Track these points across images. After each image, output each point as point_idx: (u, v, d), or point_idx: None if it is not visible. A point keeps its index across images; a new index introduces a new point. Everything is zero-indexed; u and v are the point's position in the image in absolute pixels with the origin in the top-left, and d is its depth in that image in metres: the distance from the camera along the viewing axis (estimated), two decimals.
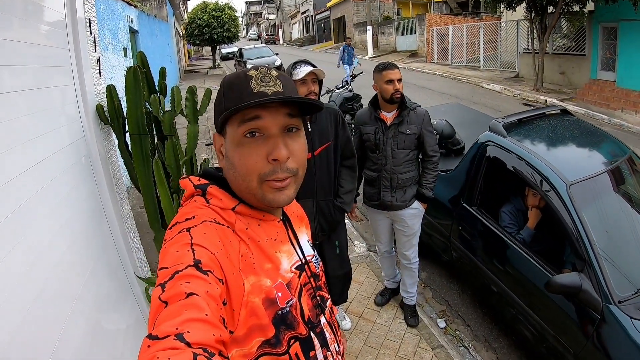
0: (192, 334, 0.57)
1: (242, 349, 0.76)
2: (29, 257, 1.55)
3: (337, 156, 2.50)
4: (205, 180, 0.89)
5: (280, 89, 0.83)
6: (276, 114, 0.81)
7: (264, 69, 0.85)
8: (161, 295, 0.65)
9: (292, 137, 0.84)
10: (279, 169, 0.81)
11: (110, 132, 2.64)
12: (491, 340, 3.08)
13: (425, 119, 2.73)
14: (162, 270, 0.70)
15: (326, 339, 0.93)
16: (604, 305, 2.15)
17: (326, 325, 0.95)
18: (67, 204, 2.05)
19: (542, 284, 2.33)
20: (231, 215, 0.85)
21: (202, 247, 0.73)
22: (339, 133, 2.47)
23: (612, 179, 2.67)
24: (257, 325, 0.77)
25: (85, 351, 1.85)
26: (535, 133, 3.04)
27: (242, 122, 0.81)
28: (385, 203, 2.83)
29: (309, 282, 0.95)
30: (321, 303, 0.97)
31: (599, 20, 10.55)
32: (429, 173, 2.79)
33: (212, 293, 0.66)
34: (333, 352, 0.95)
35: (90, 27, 2.47)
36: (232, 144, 0.83)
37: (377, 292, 3.46)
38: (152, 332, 0.59)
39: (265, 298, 0.80)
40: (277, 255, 0.89)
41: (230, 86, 0.84)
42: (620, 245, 2.53)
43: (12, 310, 1.35)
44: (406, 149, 2.72)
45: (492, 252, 2.96)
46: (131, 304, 2.70)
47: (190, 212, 0.82)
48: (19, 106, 1.70)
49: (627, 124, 8.67)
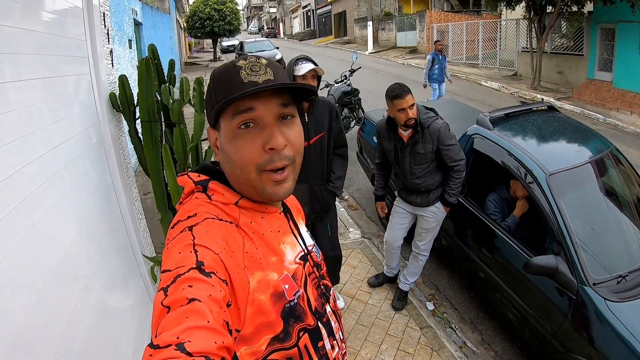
0: (193, 343, 0.57)
1: (251, 347, 0.75)
2: (43, 240, 1.59)
3: (330, 145, 2.70)
4: (204, 175, 0.87)
5: (271, 77, 0.81)
6: (269, 103, 0.80)
7: (253, 58, 0.84)
8: (164, 300, 0.64)
9: (287, 124, 0.83)
10: (277, 157, 0.80)
11: (121, 119, 2.79)
12: (477, 322, 3.27)
13: (441, 134, 2.72)
14: (164, 273, 0.69)
15: (332, 328, 0.93)
16: (579, 287, 2.33)
17: (331, 314, 0.95)
18: (80, 188, 2.14)
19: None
20: (234, 209, 0.84)
21: (205, 247, 0.72)
22: (332, 124, 2.65)
23: (592, 171, 2.84)
24: (265, 323, 0.77)
25: (96, 328, 1.92)
26: (521, 127, 3.21)
27: (236, 113, 0.79)
28: (411, 201, 3.03)
29: (313, 272, 0.94)
30: (325, 292, 0.97)
31: (597, 21, 10.65)
32: (453, 181, 2.85)
33: (215, 296, 0.65)
34: (338, 340, 0.95)
35: (105, 20, 2.63)
36: (227, 137, 0.82)
37: (369, 275, 3.65)
38: (154, 340, 0.59)
39: (274, 292, 0.80)
40: (282, 247, 0.88)
41: (220, 78, 0.83)
42: (598, 233, 2.71)
43: (27, 290, 1.40)
44: (423, 164, 2.82)
45: (478, 238, 3.14)
46: (137, 282, 2.82)
47: (192, 210, 0.80)
48: (37, 93, 1.76)
49: (621, 124, 8.82)
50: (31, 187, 1.55)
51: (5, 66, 1.51)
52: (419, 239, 3.17)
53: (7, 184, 1.37)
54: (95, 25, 2.44)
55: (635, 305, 2.26)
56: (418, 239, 3.17)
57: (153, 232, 3.42)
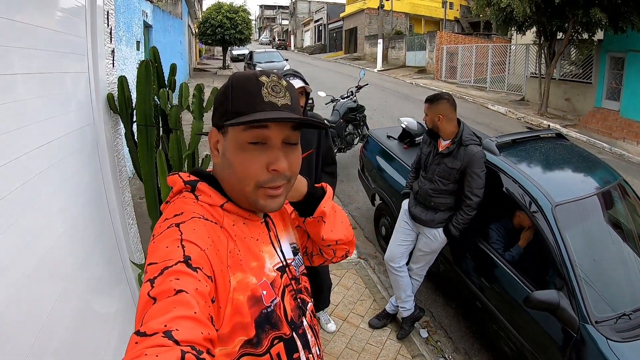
0: (180, 332, 0.57)
1: (226, 348, 0.76)
2: (26, 236, 1.57)
3: (319, 162, 2.65)
4: (194, 177, 0.89)
5: (289, 102, 0.85)
6: (283, 127, 0.83)
7: (275, 78, 0.86)
8: (150, 291, 0.64)
9: (291, 148, 0.87)
10: (278, 178, 0.84)
11: (118, 121, 2.73)
12: (471, 353, 3.14)
13: (473, 158, 2.66)
14: (151, 266, 0.69)
15: (308, 341, 0.94)
16: (581, 324, 2.22)
17: (308, 327, 0.96)
18: (70, 187, 2.10)
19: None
20: (219, 211, 0.86)
21: (192, 243, 0.73)
22: (321, 142, 2.60)
23: (600, 203, 2.76)
24: (240, 324, 0.78)
25: (75, 330, 1.88)
26: (528, 154, 3.13)
27: (249, 128, 0.81)
28: (414, 215, 2.98)
29: (290, 284, 0.95)
30: (302, 305, 0.98)
31: (607, 49, 10.70)
32: (461, 214, 2.77)
33: (201, 290, 0.66)
34: (315, 354, 0.96)
35: (108, 19, 2.58)
36: (234, 147, 0.84)
37: (362, 297, 3.52)
38: (140, 328, 0.58)
39: (251, 296, 0.81)
40: (262, 254, 0.90)
41: (241, 88, 0.84)
42: (602, 269, 2.61)
43: (3, 285, 1.37)
44: (445, 179, 2.78)
45: (478, 267, 3.03)
46: (123, 288, 2.75)
47: (179, 208, 0.82)
48: (32, 88, 1.74)
49: (627, 154, 8.76)
50: (17, 182, 1.52)
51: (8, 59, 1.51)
52: (414, 260, 3.09)
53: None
54: (97, 24, 2.39)
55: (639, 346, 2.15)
56: (413, 260, 3.09)
57: (145, 238, 3.34)
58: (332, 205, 1.09)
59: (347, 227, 1.14)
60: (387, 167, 4.28)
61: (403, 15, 29.76)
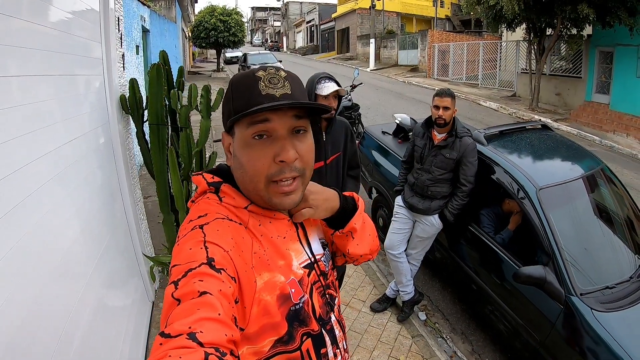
0: (204, 334, 0.58)
1: (254, 346, 0.77)
2: (47, 236, 1.61)
3: (345, 165, 2.66)
4: (218, 177, 0.89)
5: (288, 91, 0.83)
6: (284, 116, 0.81)
7: (272, 70, 0.85)
8: (174, 292, 0.65)
9: (299, 138, 0.84)
10: (287, 169, 0.82)
11: (130, 121, 2.89)
12: (468, 333, 3.32)
13: (468, 149, 2.91)
14: (175, 267, 0.70)
15: (336, 337, 0.95)
16: (567, 297, 2.41)
17: (336, 323, 0.96)
18: (86, 186, 2.17)
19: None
20: (244, 213, 0.86)
21: (215, 244, 0.73)
22: (347, 145, 2.62)
23: (582, 187, 2.95)
24: (270, 324, 0.78)
25: (94, 326, 1.95)
26: (514, 144, 3.33)
27: (251, 123, 0.81)
28: (412, 205, 3.15)
29: (319, 280, 0.95)
30: (330, 301, 0.98)
31: (596, 44, 10.92)
32: (456, 200, 3.00)
33: (224, 292, 0.67)
34: (342, 349, 0.96)
35: (119, 25, 2.74)
36: (240, 144, 0.83)
37: (363, 284, 3.70)
38: (165, 330, 0.59)
39: (280, 294, 0.81)
40: (289, 252, 0.90)
41: (239, 87, 0.84)
42: (586, 246, 2.80)
43: (29, 285, 1.41)
44: (442, 169, 2.99)
45: (471, 251, 3.22)
46: (137, 282, 2.87)
47: (203, 210, 0.83)
48: (48, 90, 1.77)
49: (617, 146, 8.99)
50: (37, 183, 1.56)
51: (20, 61, 1.53)
52: (412, 246, 3.27)
53: (14, 178, 1.37)
54: (110, 29, 2.54)
55: (622, 315, 2.33)
56: (411, 246, 3.27)
57: (153, 234, 3.50)
58: (362, 219, 1.06)
59: (374, 239, 1.11)
60: (383, 161, 4.46)
61: (394, 14, 29.96)
